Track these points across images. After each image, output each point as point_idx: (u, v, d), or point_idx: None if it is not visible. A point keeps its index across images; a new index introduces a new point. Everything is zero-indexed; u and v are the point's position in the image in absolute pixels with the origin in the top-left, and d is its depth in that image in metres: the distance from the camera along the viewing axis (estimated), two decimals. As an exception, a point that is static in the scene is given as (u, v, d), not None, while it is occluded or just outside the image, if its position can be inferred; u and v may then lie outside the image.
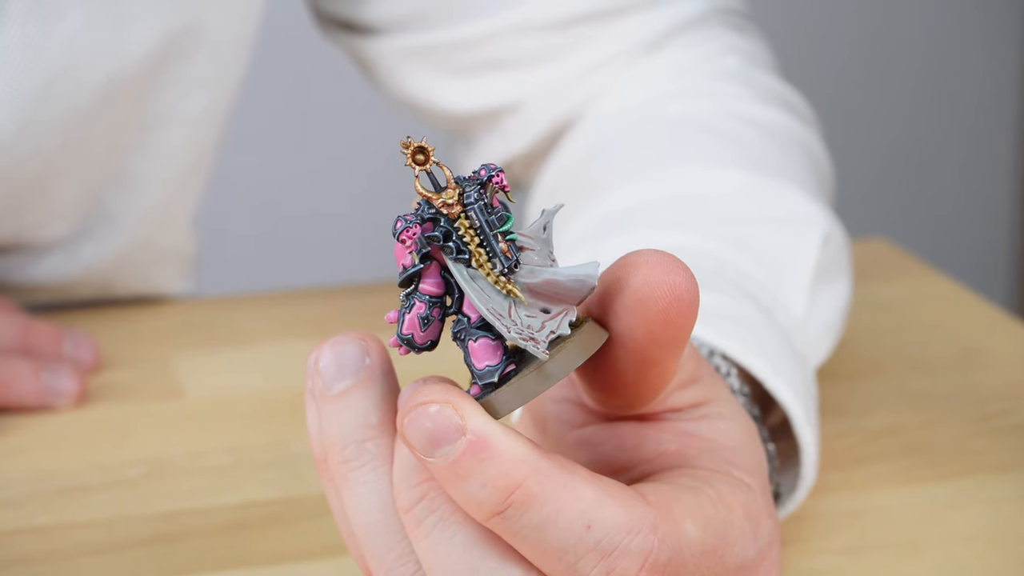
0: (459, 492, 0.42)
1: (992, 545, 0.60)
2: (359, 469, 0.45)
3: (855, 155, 2.13)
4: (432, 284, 0.43)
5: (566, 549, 0.42)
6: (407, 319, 0.43)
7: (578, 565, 0.42)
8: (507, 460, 0.41)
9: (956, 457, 0.67)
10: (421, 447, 0.42)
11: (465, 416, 0.41)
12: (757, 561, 0.46)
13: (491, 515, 0.42)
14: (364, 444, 0.45)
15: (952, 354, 0.77)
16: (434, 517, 0.43)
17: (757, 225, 0.67)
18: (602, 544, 0.42)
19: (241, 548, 0.61)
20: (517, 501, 0.42)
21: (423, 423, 0.41)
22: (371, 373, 0.45)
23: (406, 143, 0.42)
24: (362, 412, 0.45)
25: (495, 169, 0.43)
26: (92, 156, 0.78)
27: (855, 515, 0.62)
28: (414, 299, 0.43)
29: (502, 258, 0.42)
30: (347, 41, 0.84)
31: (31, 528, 0.62)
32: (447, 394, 0.42)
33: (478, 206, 0.42)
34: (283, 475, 0.66)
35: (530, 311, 0.42)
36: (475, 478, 0.41)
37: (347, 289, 0.89)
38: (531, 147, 0.81)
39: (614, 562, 0.42)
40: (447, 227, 0.42)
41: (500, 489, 0.41)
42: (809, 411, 0.59)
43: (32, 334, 0.75)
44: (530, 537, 0.42)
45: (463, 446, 0.41)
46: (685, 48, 0.80)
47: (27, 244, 0.81)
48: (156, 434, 0.70)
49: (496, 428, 0.42)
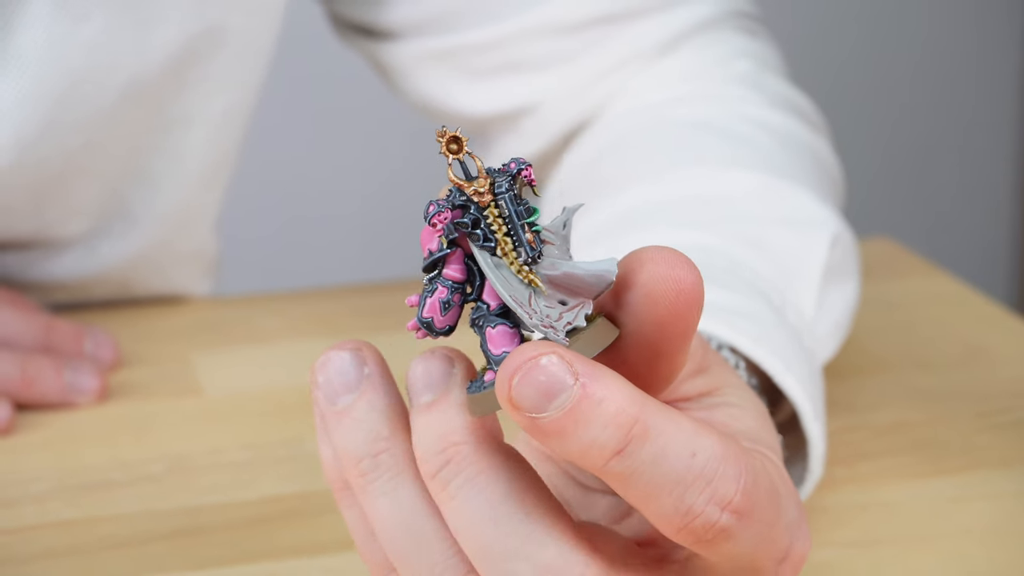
0: (579, 440, 0.41)
1: (996, 538, 0.61)
2: (377, 481, 0.45)
3: (857, 154, 2.14)
4: (455, 270, 0.43)
5: (677, 480, 0.42)
6: (428, 303, 0.43)
7: (686, 495, 0.42)
8: (622, 396, 0.41)
9: (960, 453, 0.68)
10: (535, 403, 0.41)
11: (572, 361, 0.41)
12: (798, 523, 0.46)
13: (613, 455, 0.41)
14: (379, 457, 0.45)
15: (957, 352, 0.78)
16: (460, 479, 0.44)
17: (769, 226, 0.68)
18: (706, 470, 0.42)
19: (261, 542, 0.62)
20: (636, 435, 0.41)
21: (536, 377, 0.41)
22: (372, 383, 0.45)
23: (441, 132, 0.43)
24: (371, 424, 0.45)
25: (524, 163, 0.43)
26: (114, 155, 0.79)
27: (861, 509, 0.63)
28: (437, 283, 0.43)
29: (527, 247, 0.43)
30: (364, 45, 0.85)
31: (56, 523, 0.63)
32: (549, 347, 0.41)
33: (508, 196, 0.43)
34: (300, 470, 0.67)
35: (549, 302, 0.43)
36: (595, 421, 0.41)
37: (359, 288, 0.90)
38: (547, 148, 0.83)
39: (716, 486, 0.43)
40: (476, 215, 0.43)
41: (621, 426, 0.41)
42: (817, 407, 0.60)
43: (54, 333, 0.76)
44: (645, 473, 0.42)
45: (579, 391, 0.41)
46: (697, 51, 0.81)
47: (47, 240, 0.82)
48: (176, 431, 0.71)
49: (600, 369, 0.41)
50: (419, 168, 2.01)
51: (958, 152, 2.20)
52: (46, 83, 0.74)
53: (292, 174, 1.99)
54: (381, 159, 2.00)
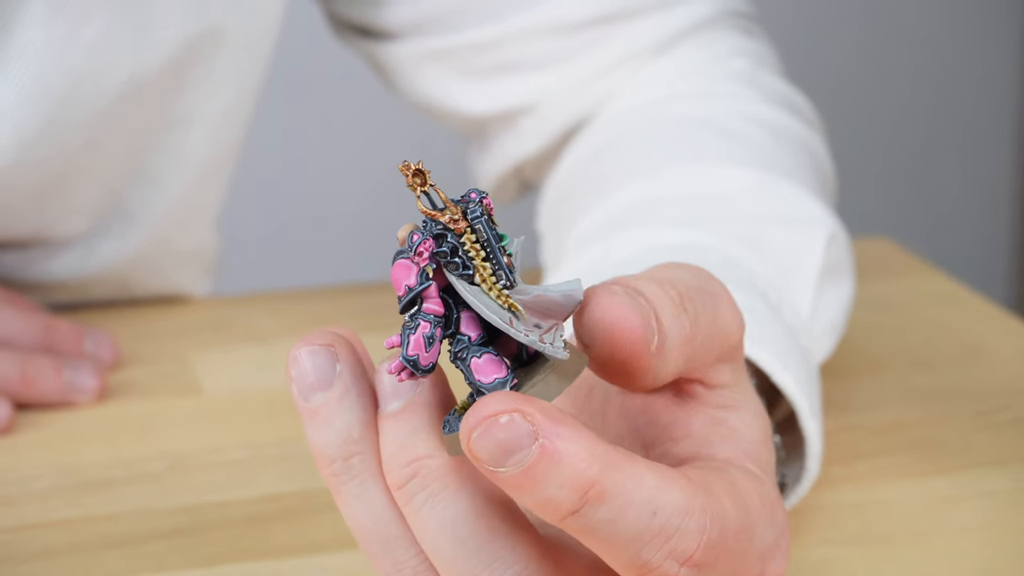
0: (534, 496, 0.41)
1: (991, 536, 0.62)
2: (349, 483, 0.45)
3: (857, 155, 2.14)
4: (435, 303, 0.42)
5: (634, 537, 0.42)
6: (412, 340, 0.42)
7: (643, 551, 0.43)
8: (581, 459, 0.41)
9: (957, 451, 0.68)
10: (493, 459, 0.41)
11: (534, 420, 0.41)
12: (773, 548, 0.47)
13: (567, 515, 0.42)
14: (350, 460, 0.45)
15: (953, 351, 0.79)
16: (425, 493, 0.44)
17: (765, 224, 0.68)
18: (666, 528, 0.43)
19: (260, 540, 0.62)
20: (593, 497, 0.41)
21: (495, 435, 0.41)
22: (343, 384, 0.45)
23: (405, 166, 0.42)
24: (342, 426, 0.45)
25: (483, 193, 0.43)
26: (113, 155, 0.80)
27: (858, 507, 0.64)
28: (418, 319, 0.42)
29: (506, 271, 0.43)
30: (363, 46, 0.85)
31: (56, 521, 0.64)
32: (514, 402, 0.41)
33: (484, 220, 0.43)
34: (299, 469, 0.68)
35: (526, 326, 0.43)
36: (551, 481, 0.41)
37: (357, 288, 0.90)
38: (545, 147, 0.83)
39: (675, 543, 0.43)
40: (454, 242, 0.42)
41: (576, 488, 0.41)
42: (814, 406, 0.61)
43: (53, 332, 0.77)
44: (602, 531, 0.42)
45: (536, 451, 0.41)
46: (694, 50, 0.82)
47: (47, 239, 0.82)
48: (176, 430, 0.72)
49: (565, 427, 0.41)
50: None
51: (958, 152, 2.20)
52: (46, 83, 0.74)
53: (291, 174, 1.99)
54: (380, 159, 2.00)
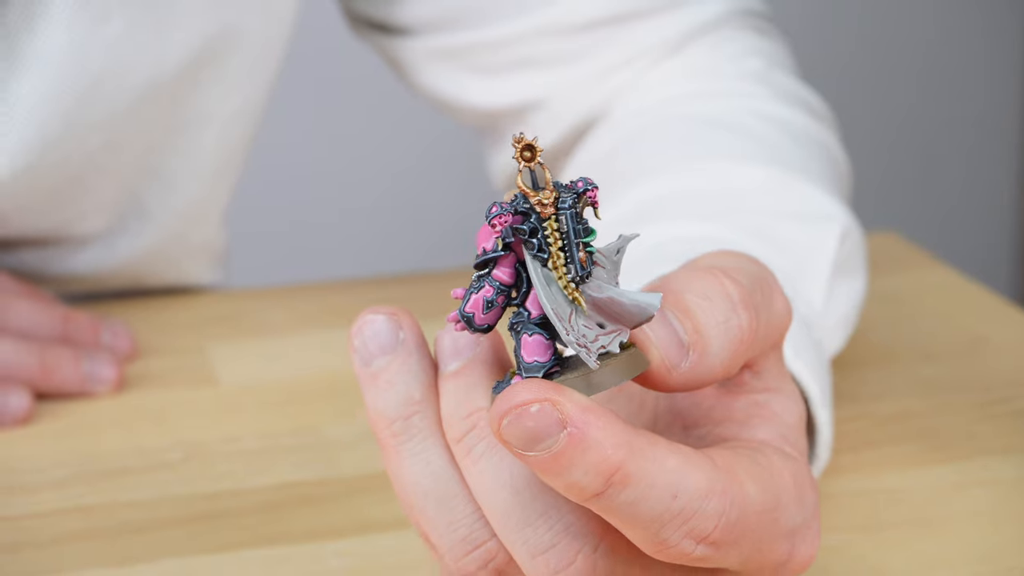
0: (560, 480, 0.43)
1: (996, 523, 0.62)
2: (408, 443, 0.47)
3: (864, 151, 2.15)
4: (505, 273, 0.44)
5: (654, 518, 0.44)
6: (473, 298, 0.44)
7: (662, 531, 0.44)
8: (606, 446, 0.43)
9: (962, 441, 0.69)
10: (522, 444, 0.43)
11: (563, 409, 0.42)
12: (803, 528, 0.48)
13: (591, 497, 0.43)
14: (410, 419, 0.47)
15: (959, 343, 0.79)
16: (483, 444, 0.45)
17: (779, 219, 0.68)
18: (686, 510, 0.44)
19: (276, 526, 0.63)
20: (616, 482, 0.43)
21: (525, 423, 0.42)
22: (407, 348, 0.47)
23: (518, 138, 0.44)
24: (404, 388, 0.47)
25: (592, 184, 0.44)
26: (131, 154, 0.80)
27: (866, 495, 0.64)
28: (484, 282, 0.44)
29: (578, 266, 0.44)
30: (378, 40, 0.86)
31: (77, 508, 0.64)
32: (543, 391, 0.43)
33: (570, 212, 0.44)
34: (313, 458, 0.69)
35: (588, 322, 0.44)
36: (577, 467, 0.42)
37: (369, 281, 0.91)
38: (557, 143, 0.84)
39: (694, 524, 0.44)
40: (535, 224, 0.44)
41: (601, 474, 0.43)
42: (825, 394, 0.61)
43: (71, 324, 0.78)
44: (624, 511, 0.43)
45: (564, 439, 0.42)
46: (708, 49, 0.82)
47: (66, 237, 0.83)
48: (192, 419, 0.73)
49: (592, 416, 0.43)
50: (430, 163, 2.02)
51: (963, 149, 2.20)
52: (67, 83, 0.75)
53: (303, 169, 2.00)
54: (392, 154, 2.01)
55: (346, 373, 0.77)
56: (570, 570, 0.45)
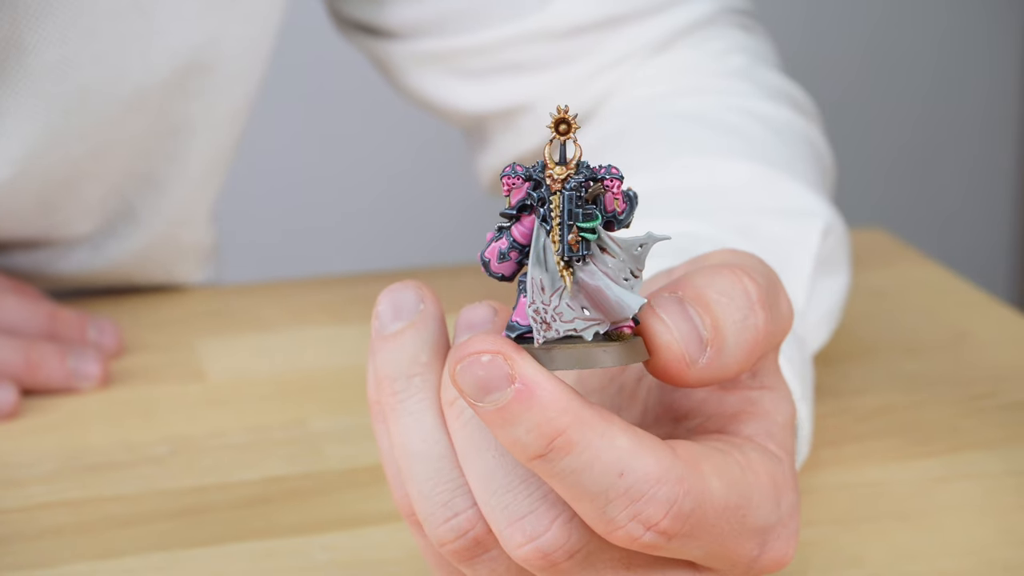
0: (504, 435, 0.44)
1: (978, 516, 0.63)
2: (407, 400, 0.48)
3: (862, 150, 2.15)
4: (522, 231, 0.46)
5: (598, 493, 0.45)
6: (492, 246, 0.46)
7: (607, 508, 0.45)
8: (552, 408, 0.44)
9: (945, 435, 0.69)
10: (472, 392, 0.44)
11: (514, 366, 0.44)
12: (777, 527, 0.48)
13: (533, 457, 0.44)
14: (412, 379, 0.48)
15: (943, 338, 0.80)
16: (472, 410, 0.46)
17: (761, 215, 0.69)
18: (632, 491, 0.45)
19: (263, 520, 0.63)
20: (558, 447, 0.44)
21: (475, 371, 0.44)
22: (424, 316, 0.49)
23: (561, 109, 0.45)
24: (413, 350, 0.48)
25: (615, 175, 0.45)
26: (118, 160, 0.81)
27: (847, 489, 0.65)
28: (503, 234, 0.46)
29: (565, 247, 0.45)
30: (364, 42, 0.86)
31: (63, 502, 0.65)
32: (498, 345, 0.44)
33: (569, 194, 0.45)
34: (301, 452, 0.69)
35: (572, 302, 0.45)
36: (521, 424, 0.44)
37: (357, 278, 0.91)
38: (544, 144, 0.84)
39: (641, 507, 0.45)
40: (544, 195, 0.45)
41: (544, 435, 0.44)
42: (806, 389, 0.62)
43: (58, 320, 0.78)
44: (567, 479, 0.45)
45: (511, 394, 0.44)
46: (693, 47, 0.83)
47: (55, 240, 0.83)
48: (180, 414, 0.73)
49: (542, 378, 0.44)
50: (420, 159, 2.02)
51: (962, 149, 2.21)
52: (56, 97, 0.75)
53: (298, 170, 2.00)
54: (385, 151, 2.01)
55: (334, 368, 0.77)
56: (545, 537, 0.46)
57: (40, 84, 0.74)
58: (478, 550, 0.48)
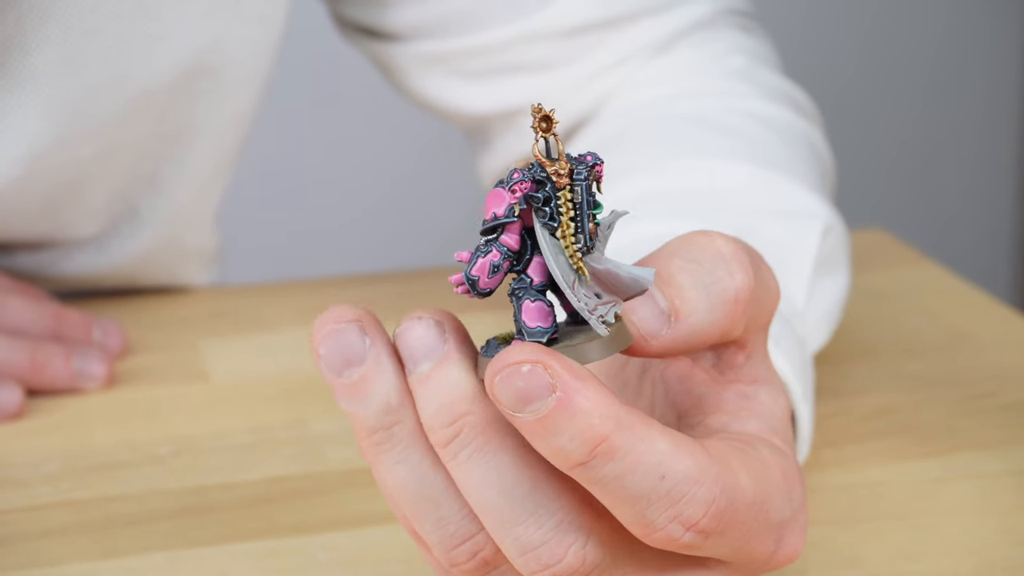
0: (546, 444, 0.44)
1: (977, 516, 0.63)
2: (392, 451, 0.47)
3: (863, 151, 2.15)
4: (512, 239, 0.45)
5: (640, 496, 0.44)
6: (480, 262, 0.45)
7: (648, 511, 0.45)
8: (594, 415, 0.43)
9: (945, 435, 0.70)
10: (511, 404, 0.43)
11: (555, 374, 0.43)
12: (791, 522, 0.49)
13: (576, 465, 0.44)
14: (391, 429, 0.46)
15: (943, 339, 0.80)
16: (469, 449, 0.45)
17: (761, 216, 0.69)
18: (673, 492, 0.44)
19: (265, 520, 0.64)
20: (601, 453, 0.44)
21: (515, 382, 0.43)
22: (377, 355, 0.46)
23: (536, 108, 0.45)
24: (382, 397, 0.46)
25: (599, 159, 0.45)
26: (123, 162, 0.81)
27: (847, 489, 0.65)
28: (492, 247, 0.45)
29: (587, 237, 0.45)
30: (367, 45, 0.86)
31: (67, 502, 0.65)
32: (537, 354, 0.43)
33: (585, 184, 0.45)
34: (304, 452, 0.69)
35: (587, 291, 0.45)
36: (563, 432, 0.43)
37: (359, 279, 0.91)
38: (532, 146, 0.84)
39: (681, 508, 0.45)
40: (550, 193, 0.45)
41: (586, 442, 0.43)
42: (806, 390, 0.62)
43: (63, 321, 0.78)
44: (609, 485, 0.44)
45: (553, 403, 0.43)
46: (693, 49, 0.83)
47: (59, 242, 0.83)
48: (183, 415, 0.73)
49: (582, 384, 0.43)
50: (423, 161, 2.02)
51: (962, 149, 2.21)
52: (60, 98, 0.75)
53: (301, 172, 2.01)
54: (387, 154, 2.01)
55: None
56: (561, 565, 0.46)
57: (44, 84, 0.75)
58: (488, 568, 0.48)
